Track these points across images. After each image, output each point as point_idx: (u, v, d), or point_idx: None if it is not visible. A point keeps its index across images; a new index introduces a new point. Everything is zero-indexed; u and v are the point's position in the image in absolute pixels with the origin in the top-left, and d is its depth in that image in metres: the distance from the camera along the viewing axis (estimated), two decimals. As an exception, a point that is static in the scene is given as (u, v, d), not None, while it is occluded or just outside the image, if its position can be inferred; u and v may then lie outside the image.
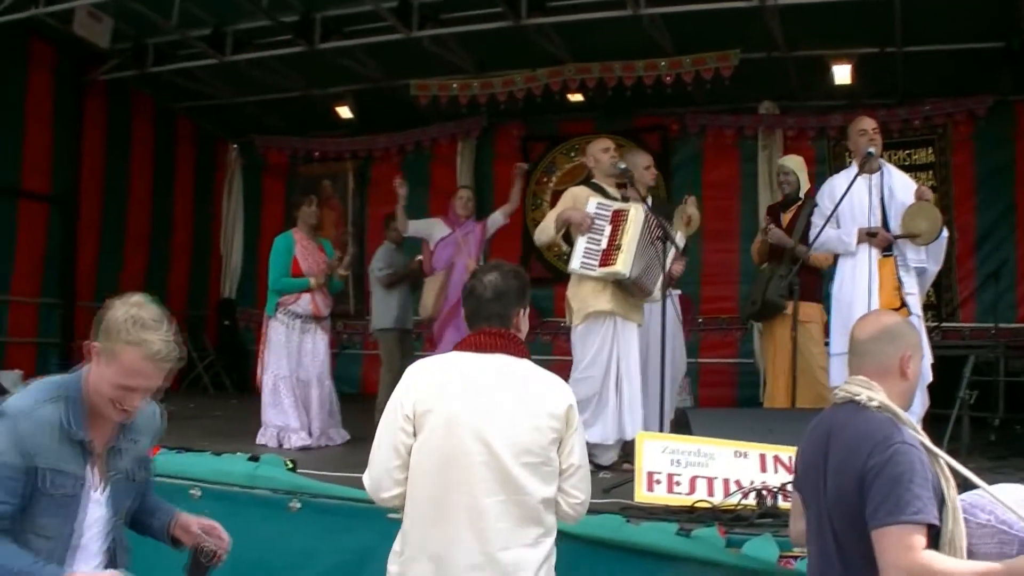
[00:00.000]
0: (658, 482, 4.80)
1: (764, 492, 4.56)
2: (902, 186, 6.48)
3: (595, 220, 6.48)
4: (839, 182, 6.60)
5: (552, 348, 10.65)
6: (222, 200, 13.28)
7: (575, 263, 6.53)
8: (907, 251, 6.33)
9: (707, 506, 4.64)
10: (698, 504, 4.66)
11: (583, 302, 6.53)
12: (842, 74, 9.84)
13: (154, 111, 12.36)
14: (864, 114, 7.12)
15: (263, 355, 7.63)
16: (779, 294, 7.08)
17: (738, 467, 4.84)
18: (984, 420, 7.46)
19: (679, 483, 4.81)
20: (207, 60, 10.26)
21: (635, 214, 6.41)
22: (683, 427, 5.87)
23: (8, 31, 9.38)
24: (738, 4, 8.34)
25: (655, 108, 10.94)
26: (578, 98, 10.64)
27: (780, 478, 4.69)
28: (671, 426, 6.28)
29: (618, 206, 6.54)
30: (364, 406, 8.13)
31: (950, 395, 6.94)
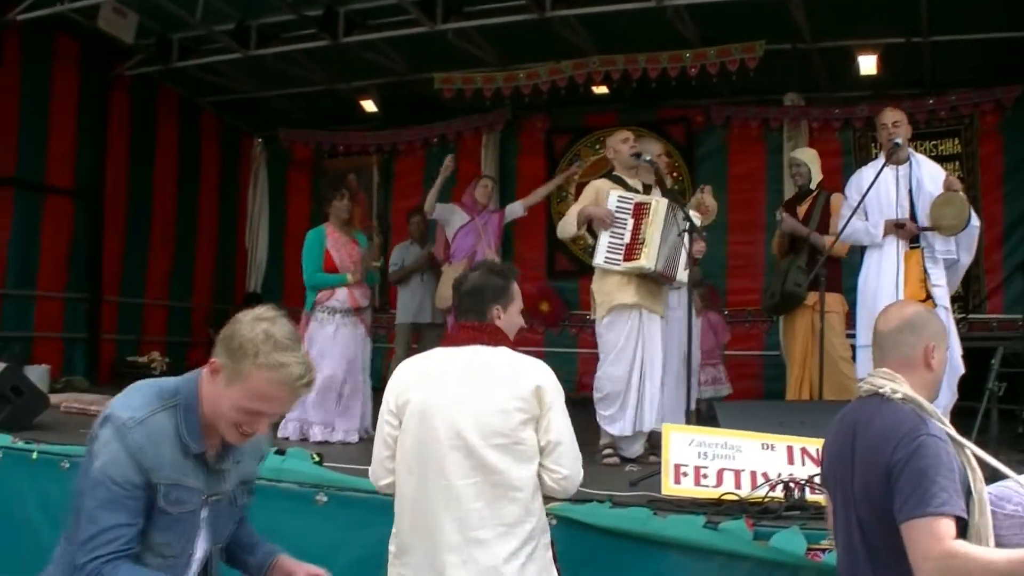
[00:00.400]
0: (685, 475, 4.77)
1: (792, 484, 4.53)
2: (931, 177, 6.41)
3: (617, 214, 6.48)
4: (867, 173, 6.55)
5: (578, 341, 10.62)
6: (247, 194, 13.27)
7: (599, 258, 6.54)
8: (935, 242, 6.29)
9: (734, 499, 4.61)
10: (725, 497, 4.63)
11: (608, 295, 6.53)
12: (868, 65, 9.73)
13: (179, 106, 12.43)
14: (890, 105, 7.05)
15: None
16: (796, 283, 7.06)
17: (765, 459, 4.81)
18: (1012, 413, 7.38)
19: (706, 476, 4.78)
20: (232, 54, 10.28)
21: (657, 206, 6.41)
22: (710, 419, 5.85)
23: (34, 27, 9.49)
24: (763, -6, 8.29)
25: (680, 100, 10.86)
26: (603, 90, 10.65)
27: (808, 470, 4.66)
28: (695, 418, 6.26)
29: (640, 199, 6.54)
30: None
31: (978, 387, 6.86)
